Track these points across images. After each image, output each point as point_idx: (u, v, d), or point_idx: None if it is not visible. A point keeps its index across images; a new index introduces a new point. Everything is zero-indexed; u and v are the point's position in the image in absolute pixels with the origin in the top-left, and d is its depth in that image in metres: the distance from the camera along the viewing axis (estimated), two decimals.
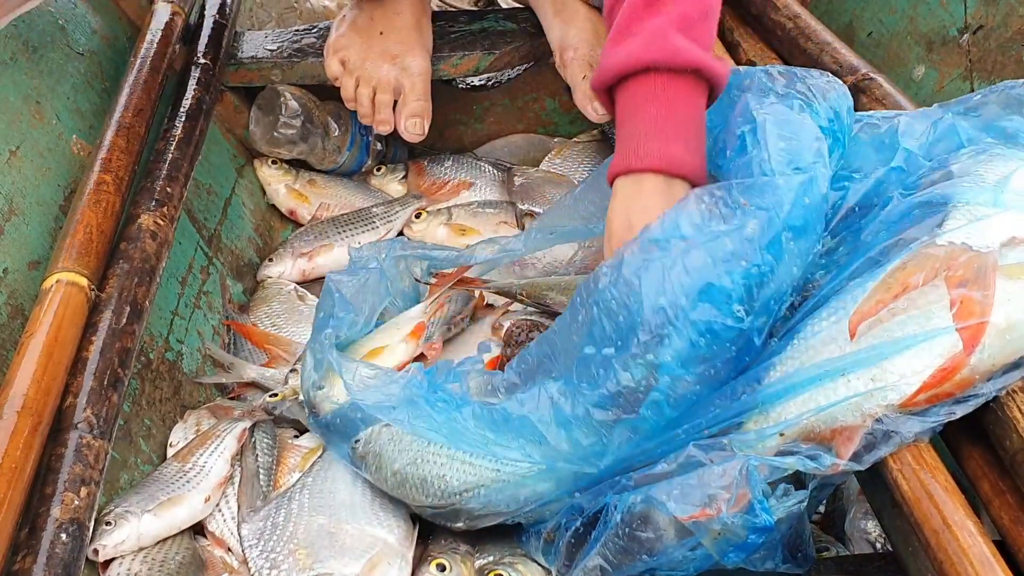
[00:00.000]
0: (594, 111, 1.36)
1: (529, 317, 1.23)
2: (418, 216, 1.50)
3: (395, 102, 1.42)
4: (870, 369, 0.78)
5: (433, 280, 1.23)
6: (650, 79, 0.92)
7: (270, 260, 1.45)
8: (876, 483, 0.81)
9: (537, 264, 1.26)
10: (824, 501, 1.05)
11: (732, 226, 0.82)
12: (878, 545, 0.95)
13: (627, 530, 0.84)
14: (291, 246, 1.46)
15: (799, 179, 0.83)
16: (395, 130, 1.43)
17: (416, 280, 1.23)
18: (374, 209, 1.52)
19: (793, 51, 1.26)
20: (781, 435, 0.81)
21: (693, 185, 0.91)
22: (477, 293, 1.27)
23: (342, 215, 1.52)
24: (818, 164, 0.85)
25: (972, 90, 1.23)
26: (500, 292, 1.26)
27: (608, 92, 0.97)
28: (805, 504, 0.80)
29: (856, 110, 0.97)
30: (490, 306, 1.29)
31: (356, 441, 1.02)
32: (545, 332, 0.95)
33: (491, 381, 0.97)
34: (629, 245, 0.85)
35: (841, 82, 0.95)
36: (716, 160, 0.93)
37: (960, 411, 0.76)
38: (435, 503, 0.97)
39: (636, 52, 0.92)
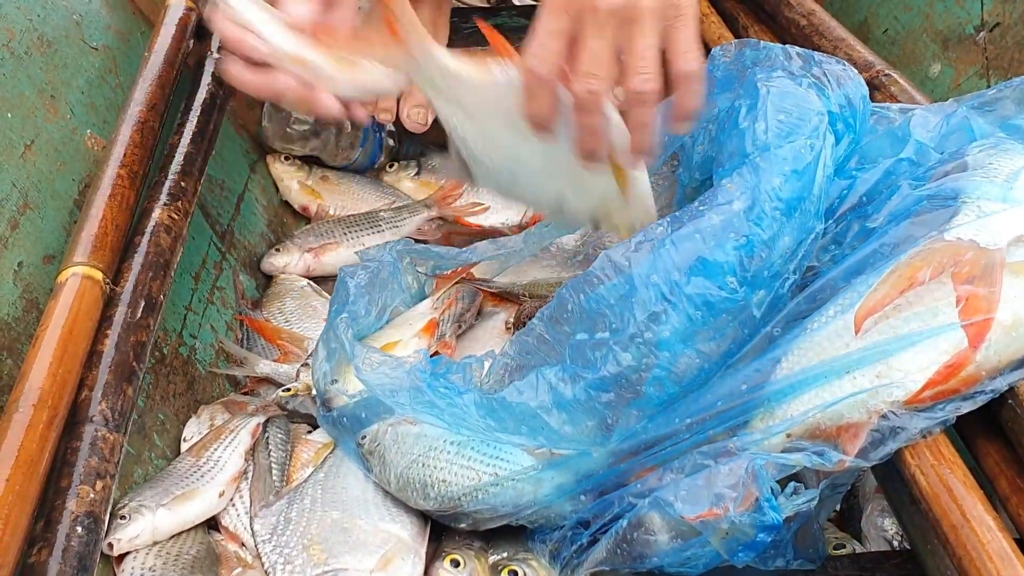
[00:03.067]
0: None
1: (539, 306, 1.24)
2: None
3: (400, 95, 1.42)
4: (875, 366, 0.77)
5: (439, 275, 1.24)
6: None
7: (276, 250, 1.44)
8: (894, 479, 0.81)
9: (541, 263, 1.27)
10: (840, 499, 1.05)
11: (718, 203, 0.83)
12: (895, 542, 0.94)
13: (634, 533, 0.84)
14: (299, 240, 1.46)
15: (786, 150, 0.83)
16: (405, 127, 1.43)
17: (420, 272, 1.24)
18: (382, 213, 1.52)
19: (807, 48, 1.25)
20: (788, 435, 0.81)
21: None
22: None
23: (349, 216, 1.52)
24: (812, 138, 0.85)
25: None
26: (503, 292, 1.26)
27: None
28: (815, 502, 0.80)
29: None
30: (496, 296, 1.30)
31: (363, 438, 1.02)
32: (528, 325, 0.95)
33: (490, 368, 0.97)
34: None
35: (856, 71, 0.94)
36: (719, 136, 0.94)
37: (967, 407, 0.75)
38: (437, 507, 0.97)
39: None
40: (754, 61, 0.94)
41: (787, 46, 0.96)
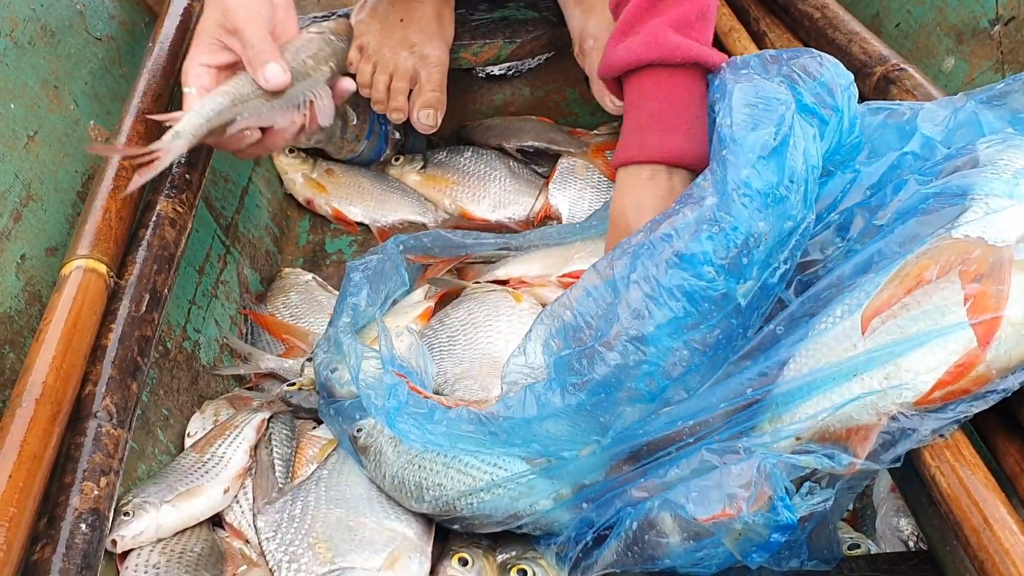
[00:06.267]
0: (611, 102, 1.35)
1: None
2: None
3: (410, 92, 1.41)
4: (884, 367, 0.76)
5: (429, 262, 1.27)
6: (649, 74, 0.99)
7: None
8: (912, 480, 0.79)
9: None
10: (853, 499, 1.04)
11: (692, 200, 0.84)
12: (911, 543, 0.93)
13: (645, 535, 0.83)
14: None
15: (750, 139, 0.84)
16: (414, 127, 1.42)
17: (410, 260, 1.25)
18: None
19: (821, 42, 1.24)
20: (797, 438, 0.80)
21: (693, 171, 0.98)
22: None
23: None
24: (777, 125, 0.85)
25: None
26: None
27: (617, 82, 1.04)
28: (831, 502, 0.79)
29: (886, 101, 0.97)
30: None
31: (358, 431, 1.01)
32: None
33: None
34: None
35: (833, 59, 0.94)
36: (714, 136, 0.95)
37: (978, 407, 0.74)
38: (431, 510, 0.96)
39: (637, 50, 0.99)
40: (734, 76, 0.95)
41: (763, 52, 0.96)
